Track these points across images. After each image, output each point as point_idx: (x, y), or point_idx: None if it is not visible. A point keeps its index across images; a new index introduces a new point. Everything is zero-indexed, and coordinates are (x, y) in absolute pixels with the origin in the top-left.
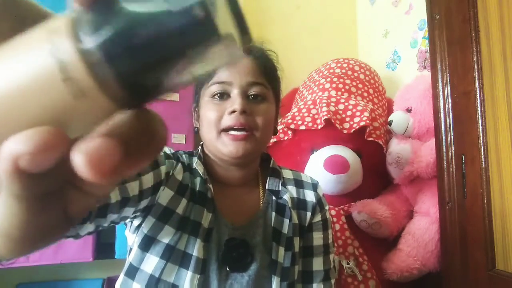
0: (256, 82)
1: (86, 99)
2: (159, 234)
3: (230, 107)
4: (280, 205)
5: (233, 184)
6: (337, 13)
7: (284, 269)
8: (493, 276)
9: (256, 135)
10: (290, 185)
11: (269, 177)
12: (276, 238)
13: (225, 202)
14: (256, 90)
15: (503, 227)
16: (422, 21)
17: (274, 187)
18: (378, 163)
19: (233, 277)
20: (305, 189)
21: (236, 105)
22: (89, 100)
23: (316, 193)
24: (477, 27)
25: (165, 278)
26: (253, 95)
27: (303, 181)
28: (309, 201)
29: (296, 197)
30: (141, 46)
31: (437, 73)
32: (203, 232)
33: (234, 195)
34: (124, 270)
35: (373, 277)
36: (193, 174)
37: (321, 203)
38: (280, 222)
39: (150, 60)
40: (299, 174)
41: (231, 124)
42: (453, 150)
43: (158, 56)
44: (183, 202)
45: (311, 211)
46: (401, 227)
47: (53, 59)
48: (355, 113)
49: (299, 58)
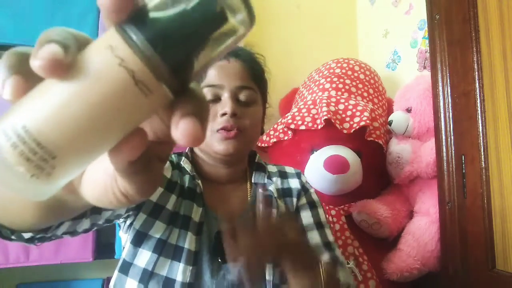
0: (245, 86)
1: (152, 94)
2: (151, 230)
3: (221, 109)
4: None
5: (221, 181)
6: (337, 13)
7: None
8: (493, 276)
9: (245, 135)
10: (275, 177)
11: (254, 172)
12: None
13: (214, 198)
14: (246, 93)
15: (503, 227)
16: (422, 21)
17: (260, 181)
18: (378, 163)
19: (226, 268)
20: (289, 178)
21: (227, 108)
22: (154, 94)
23: (300, 180)
24: (477, 27)
25: (158, 271)
26: (243, 98)
27: (286, 172)
28: (294, 188)
29: (281, 188)
30: (175, 38)
31: (437, 73)
32: (194, 225)
33: (223, 191)
34: (118, 267)
35: (373, 277)
36: (182, 172)
37: (305, 187)
38: None
39: (185, 48)
40: (282, 166)
41: (223, 126)
42: (453, 150)
43: (189, 43)
44: (172, 198)
45: (296, 196)
46: (401, 227)
47: (124, 69)
48: (355, 113)
49: (299, 58)
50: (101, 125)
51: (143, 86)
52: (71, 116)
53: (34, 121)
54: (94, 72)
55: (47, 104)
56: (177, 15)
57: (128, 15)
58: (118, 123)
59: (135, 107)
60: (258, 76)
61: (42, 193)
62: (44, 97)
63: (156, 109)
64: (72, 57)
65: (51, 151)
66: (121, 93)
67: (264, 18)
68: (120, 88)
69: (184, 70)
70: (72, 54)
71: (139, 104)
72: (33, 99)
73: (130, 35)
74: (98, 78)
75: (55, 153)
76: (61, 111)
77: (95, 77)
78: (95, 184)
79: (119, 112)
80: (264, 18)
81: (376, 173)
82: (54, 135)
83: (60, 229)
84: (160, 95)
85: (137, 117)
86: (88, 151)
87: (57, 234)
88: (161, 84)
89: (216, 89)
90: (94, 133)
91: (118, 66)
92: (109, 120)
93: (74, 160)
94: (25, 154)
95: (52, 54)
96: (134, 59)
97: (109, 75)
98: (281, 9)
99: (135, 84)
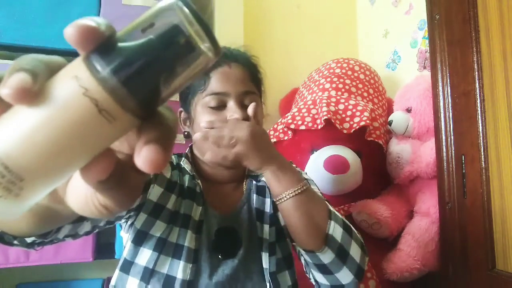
0: (249, 91)
1: (116, 122)
2: (151, 229)
3: (230, 116)
4: (260, 187)
5: (221, 181)
6: (337, 13)
7: (271, 244)
8: (493, 276)
9: None
10: None
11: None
12: (259, 218)
13: (213, 196)
14: (250, 98)
15: (503, 227)
16: (422, 21)
17: (253, 172)
18: (378, 163)
19: (225, 263)
20: None
21: (236, 115)
22: (118, 122)
23: None
24: (477, 27)
25: (158, 269)
26: (248, 103)
27: None
28: None
29: None
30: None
31: (437, 73)
32: (194, 224)
33: (222, 190)
34: (119, 266)
35: (373, 277)
36: (182, 172)
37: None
38: (261, 202)
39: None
40: None
41: None
42: (453, 150)
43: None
44: (172, 198)
45: None
46: (401, 227)
47: (88, 98)
48: (355, 113)
49: (299, 58)
50: (67, 150)
51: (107, 114)
52: (38, 142)
53: (2, 146)
54: (60, 100)
55: (15, 129)
56: (143, 45)
57: (95, 46)
58: (84, 148)
59: (100, 133)
60: (256, 78)
61: (11, 213)
62: (13, 123)
63: (122, 134)
64: (40, 85)
65: (18, 174)
66: (86, 121)
67: (264, 18)
68: (85, 116)
69: (149, 98)
70: (40, 82)
71: (103, 131)
72: (2, 125)
73: (95, 65)
74: (63, 106)
75: (23, 176)
76: (28, 137)
77: (61, 105)
78: (77, 195)
79: (84, 138)
80: (264, 18)
81: (376, 173)
82: (22, 159)
83: (61, 232)
84: (125, 122)
85: (102, 143)
86: (55, 174)
87: (59, 237)
88: (125, 112)
89: (221, 96)
90: (60, 158)
91: (82, 96)
92: (75, 146)
93: (42, 182)
94: None
95: (20, 82)
96: (97, 89)
97: (74, 104)
98: (281, 9)
99: (98, 112)
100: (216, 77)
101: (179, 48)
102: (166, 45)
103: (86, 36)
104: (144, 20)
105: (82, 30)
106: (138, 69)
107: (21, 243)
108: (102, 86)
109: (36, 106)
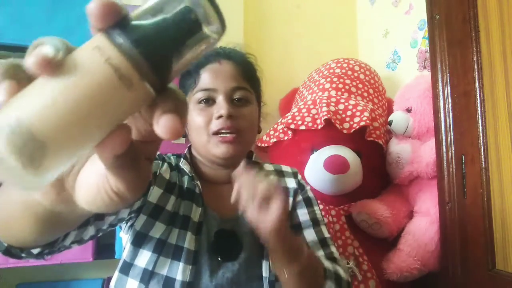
0: (239, 87)
1: (135, 89)
2: (151, 231)
3: (217, 112)
4: None
5: (220, 182)
6: (337, 13)
7: None
8: (493, 276)
9: (242, 136)
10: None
11: None
12: None
13: (213, 198)
14: (240, 94)
15: (503, 227)
16: (422, 21)
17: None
18: (378, 163)
19: (225, 266)
20: (286, 177)
21: (222, 110)
22: (137, 89)
23: (296, 180)
24: (477, 27)
25: (158, 271)
26: (237, 99)
27: (283, 171)
28: (291, 188)
29: None
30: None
31: (437, 73)
32: (193, 225)
33: (221, 191)
34: (119, 267)
35: (373, 277)
36: (181, 173)
37: (301, 185)
38: None
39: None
40: (279, 166)
41: (219, 128)
42: (453, 150)
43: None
44: (171, 199)
45: (293, 196)
46: (401, 227)
47: (109, 65)
48: (355, 113)
49: (299, 58)
50: (89, 117)
51: (127, 81)
52: (61, 108)
53: (27, 114)
54: (82, 69)
55: (39, 98)
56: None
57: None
58: (103, 116)
59: (119, 101)
60: (250, 75)
61: (33, 184)
62: (36, 92)
63: (139, 105)
64: (62, 56)
65: (42, 141)
66: (106, 87)
67: (264, 18)
68: (106, 82)
69: (163, 69)
70: (62, 54)
71: (122, 98)
72: (26, 95)
73: (116, 36)
74: (85, 73)
75: (46, 143)
76: (51, 104)
77: (83, 73)
78: (88, 186)
79: (105, 104)
80: (264, 18)
81: (376, 173)
82: (45, 126)
83: (68, 239)
84: (142, 91)
85: (121, 111)
86: (77, 142)
87: (66, 244)
88: (143, 80)
89: (210, 92)
90: (82, 125)
91: (104, 63)
92: (96, 112)
93: (64, 151)
94: (17, 145)
95: (44, 53)
96: (118, 57)
97: (96, 71)
98: (281, 9)
99: (119, 78)
100: (206, 73)
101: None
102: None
103: (108, 11)
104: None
105: (104, 5)
106: (153, 42)
107: (28, 255)
108: (123, 54)
109: (59, 76)
